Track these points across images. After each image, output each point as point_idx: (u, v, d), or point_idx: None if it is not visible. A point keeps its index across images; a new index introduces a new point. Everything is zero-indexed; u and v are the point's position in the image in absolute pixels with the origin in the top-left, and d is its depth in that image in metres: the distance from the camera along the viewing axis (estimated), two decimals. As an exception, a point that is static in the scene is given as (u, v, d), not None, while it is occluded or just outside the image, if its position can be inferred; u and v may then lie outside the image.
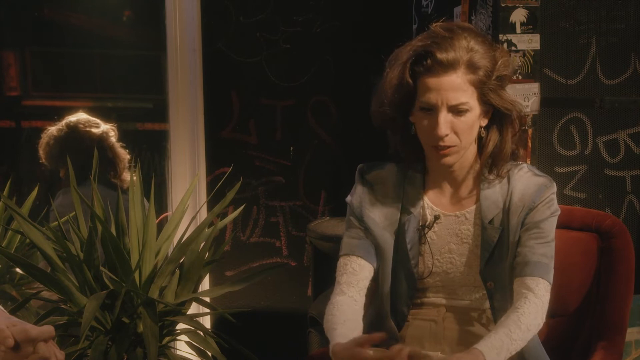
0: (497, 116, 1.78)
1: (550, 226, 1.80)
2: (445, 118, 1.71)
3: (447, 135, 1.72)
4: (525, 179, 1.82)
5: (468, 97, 1.71)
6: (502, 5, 2.50)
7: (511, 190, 1.81)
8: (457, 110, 1.72)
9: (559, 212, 1.82)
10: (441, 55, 1.69)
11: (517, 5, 2.51)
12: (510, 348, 1.68)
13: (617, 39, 2.66)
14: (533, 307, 1.74)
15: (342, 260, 1.86)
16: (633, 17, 2.66)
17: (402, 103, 1.77)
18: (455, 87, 1.70)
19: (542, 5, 2.54)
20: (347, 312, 1.78)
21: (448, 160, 1.77)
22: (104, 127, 3.09)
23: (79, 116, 3.12)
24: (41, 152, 3.10)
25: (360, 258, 1.85)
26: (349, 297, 1.82)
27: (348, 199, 1.91)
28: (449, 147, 1.74)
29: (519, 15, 2.52)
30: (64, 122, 3.09)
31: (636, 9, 2.65)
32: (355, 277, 1.84)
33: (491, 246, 1.80)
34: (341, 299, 1.81)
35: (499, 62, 1.74)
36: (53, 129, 3.08)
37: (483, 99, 1.74)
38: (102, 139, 3.06)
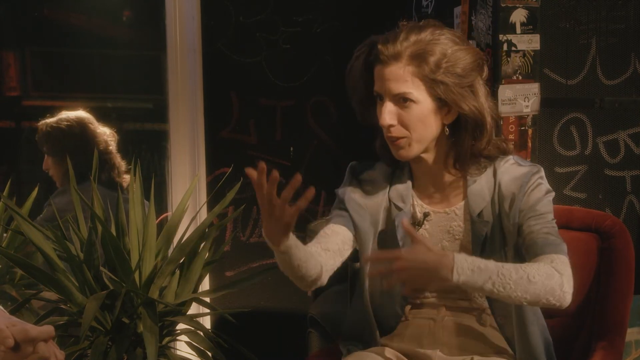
0: (460, 116, 1.77)
1: (545, 206, 1.78)
2: (389, 108, 1.74)
3: (391, 125, 1.75)
4: (511, 170, 1.81)
5: (411, 88, 1.72)
6: (502, 5, 2.50)
7: (498, 183, 1.81)
8: (401, 100, 1.73)
9: (552, 193, 1.81)
10: (382, 47, 1.74)
11: (517, 5, 2.51)
12: (493, 278, 1.62)
13: (617, 39, 2.66)
14: (545, 268, 1.66)
15: (324, 227, 1.89)
16: (633, 17, 2.66)
17: (360, 92, 1.82)
18: (396, 77, 1.72)
19: (542, 5, 2.54)
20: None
21: (402, 153, 1.78)
22: (108, 130, 3.11)
23: (81, 113, 3.10)
24: (40, 140, 3.05)
25: (337, 225, 1.86)
26: (312, 245, 1.82)
27: (337, 190, 1.95)
28: (397, 138, 1.76)
29: (519, 16, 2.52)
30: (71, 116, 3.07)
31: (636, 9, 2.65)
32: (325, 238, 1.85)
33: (481, 240, 1.79)
34: None
35: (446, 59, 1.72)
36: (58, 120, 3.04)
37: (433, 93, 1.73)
38: (107, 141, 3.07)
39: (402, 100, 1.73)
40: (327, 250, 1.82)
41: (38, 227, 2.31)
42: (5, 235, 2.71)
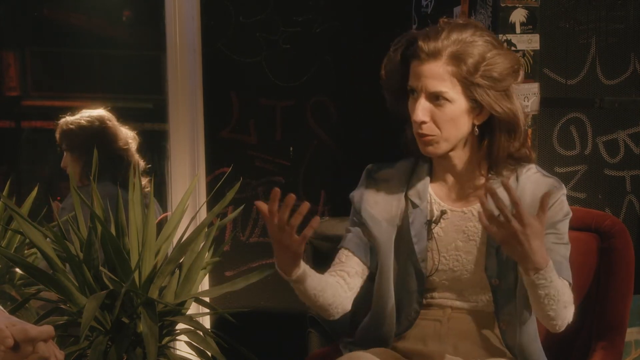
0: (492, 117, 1.77)
1: (565, 228, 1.80)
2: (423, 104, 1.74)
3: (424, 122, 1.74)
4: (534, 179, 1.82)
5: (448, 88, 1.72)
6: (502, 5, 2.50)
7: (520, 190, 1.80)
8: (435, 98, 1.73)
9: (571, 214, 1.82)
10: (422, 43, 1.72)
11: (517, 5, 2.51)
12: (551, 292, 1.65)
13: (617, 39, 2.66)
14: (570, 298, 1.73)
15: (338, 252, 1.90)
16: (632, 17, 2.66)
17: (394, 85, 1.81)
18: (435, 76, 1.72)
19: (541, 5, 2.53)
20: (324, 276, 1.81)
21: (430, 149, 1.78)
22: (129, 134, 3.10)
23: (102, 112, 3.09)
24: (60, 136, 3.04)
25: (353, 254, 1.86)
26: (328, 274, 1.84)
27: (352, 194, 1.93)
28: (427, 135, 1.76)
29: (518, 15, 2.51)
30: (93, 114, 3.06)
31: (636, 9, 2.65)
32: (341, 265, 1.86)
33: (497, 243, 1.79)
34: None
35: (486, 62, 1.72)
36: (79, 118, 3.04)
37: (469, 94, 1.74)
38: (127, 141, 3.06)
39: (437, 99, 1.73)
40: (347, 274, 1.85)
41: (38, 227, 2.31)
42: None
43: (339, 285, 1.82)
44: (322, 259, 2.86)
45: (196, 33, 3.17)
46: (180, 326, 2.42)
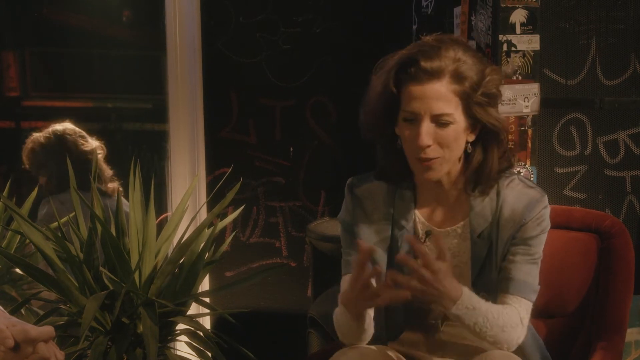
0: (484, 133, 1.75)
1: (539, 243, 1.78)
2: (427, 128, 1.68)
3: (429, 146, 1.69)
4: (516, 191, 1.79)
5: (452, 109, 1.68)
6: (502, 5, 2.50)
7: (501, 203, 1.78)
8: (440, 121, 1.69)
9: (548, 228, 1.80)
10: (425, 63, 1.66)
11: (517, 5, 2.51)
12: (479, 320, 1.69)
13: (617, 40, 2.66)
14: (514, 318, 1.74)
15: (344, 279, 1.87)
16: (633, 17, 2.66)
17: (386, 112, 1.74)
18: (439, 96, 1.67)
19: (542, 5, 2.54)
20: None
21: (431, 174, 1.74)
22: (94, 144, 3.09)
23: (66, 125, 3.11)
24: (25, 158, 3.11)
25: None
26: None
27: (339, 216, 1.91)
28: (432, 159, 1.71)
29: (518, 16, 2.52)
30: (50, 129, 3.09)
31: (636, 10, 2.66)
32: None
33: (481, 259, 1.79)
34: None
35: (487, 78, 1.71)
36: (39, 135, 3.09)
37: (468, 112, 1.71)
38: (89, 153, 3.05)
39: (441, 120, 1.69)
40: None
41: (38, 227, 2.31)
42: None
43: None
44: (322, 260, 2.87)
45: (196, 33, 3.18)
46: (181, 326, 2.42)
